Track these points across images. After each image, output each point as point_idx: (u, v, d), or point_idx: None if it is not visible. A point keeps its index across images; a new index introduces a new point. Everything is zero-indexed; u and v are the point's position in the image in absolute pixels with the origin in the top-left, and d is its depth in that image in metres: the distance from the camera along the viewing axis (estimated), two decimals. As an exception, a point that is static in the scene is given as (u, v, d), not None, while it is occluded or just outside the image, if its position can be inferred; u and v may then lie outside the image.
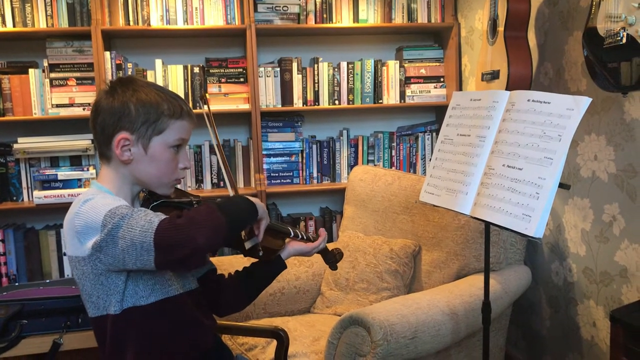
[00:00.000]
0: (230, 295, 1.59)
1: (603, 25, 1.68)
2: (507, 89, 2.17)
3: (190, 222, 1.16)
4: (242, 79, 2.99)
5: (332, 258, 1.71)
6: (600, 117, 2.04)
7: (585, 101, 1.41)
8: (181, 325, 1.37)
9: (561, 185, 1.43)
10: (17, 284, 2.59)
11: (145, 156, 1.34)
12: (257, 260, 1.61)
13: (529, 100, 1.53)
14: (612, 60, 1.67)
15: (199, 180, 3.05)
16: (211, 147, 3.03)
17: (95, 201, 1.24)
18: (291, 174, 3.11)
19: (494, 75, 2.27)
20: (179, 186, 1.57)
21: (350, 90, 3.10)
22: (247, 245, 1.41)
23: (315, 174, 3.15)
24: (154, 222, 1.16)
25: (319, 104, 3.08)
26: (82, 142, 2.83)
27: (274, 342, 1.84)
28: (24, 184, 2.87)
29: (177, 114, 1.35)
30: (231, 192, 1.47)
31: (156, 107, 1.33)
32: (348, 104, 3.10)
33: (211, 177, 3.05)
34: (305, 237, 1.63)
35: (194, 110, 1.41)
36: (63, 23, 2.79)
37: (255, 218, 1.36)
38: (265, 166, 3.05)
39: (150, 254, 1.15)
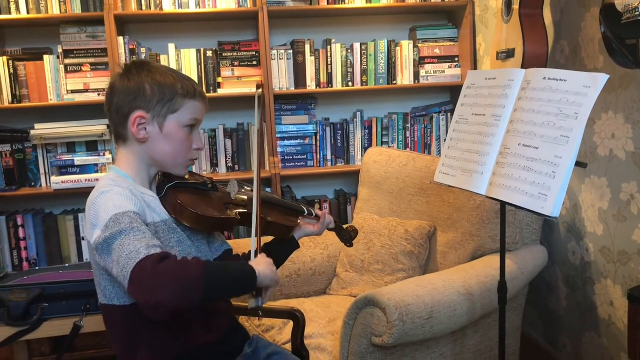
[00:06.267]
0: None
1: (621, 1, 1.65)
2: (522, 67, 2.14)
3: (170, 275, 1.12)
4: (255, 62, 2.99)
5: (347, 235, 1.79)
6: (618, 94, 2.01)
7: (602, 78, 1.38)
8: (196, 311, 1.38)
9: (578, 164, 1.42)
10: (37, 268, 2.64)
11: (161, 135, 1.36)
12: (272, 245, 1.65)
13: (544, 79, 1.51)
14: (631, 37, 1.64)
15: (214, 164, 3.06)
16: (225, 130, 3.04)
17: (109, 196, 1.25)
18: (305, 156, 3.11)
19: (509, 53, 2.24)
20: (193, 169, 1.59)
21: (364, 72, 3.08)
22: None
23: (329, 157, 3.15)
24: (140, 254, 1.14)
25: (332, 86, 3.06)
26: (97, 127, 2.85)
27: (291, 323, 1.86)
28: (41, 170, 2.91)
29: (190, 94, 1.38)
30: (256, 180, 1.47)
31: (170, 87, 1.36)
32: (361, 85, 3.08)
33: (226, 161, 3.06)
34: (316, 216, 1.71)
35: (208, 94, 1.43)
36: (76, 9, 2.80)
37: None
38: (279, 149, 3.05)
39: (125, 281, 1.15)
